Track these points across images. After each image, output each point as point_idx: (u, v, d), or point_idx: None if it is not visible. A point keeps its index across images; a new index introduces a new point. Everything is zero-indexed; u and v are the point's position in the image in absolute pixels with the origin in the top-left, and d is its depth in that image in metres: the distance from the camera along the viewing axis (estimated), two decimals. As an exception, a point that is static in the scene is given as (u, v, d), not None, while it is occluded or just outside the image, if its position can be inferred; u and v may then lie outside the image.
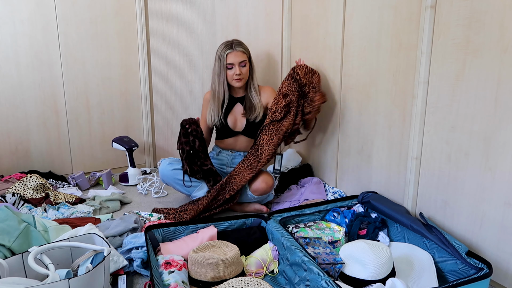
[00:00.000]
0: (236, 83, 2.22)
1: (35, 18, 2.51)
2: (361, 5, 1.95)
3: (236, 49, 2.19)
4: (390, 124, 1.89)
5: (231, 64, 2.19)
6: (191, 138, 2.14)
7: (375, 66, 1.92)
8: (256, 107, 2.26)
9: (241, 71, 2.19)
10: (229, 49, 2.18)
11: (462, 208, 1.60)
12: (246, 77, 2.24)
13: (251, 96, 2.27)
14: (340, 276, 1.50)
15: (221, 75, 2.22)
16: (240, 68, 2.19)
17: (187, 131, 2.14)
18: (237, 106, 2.31)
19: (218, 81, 2.23)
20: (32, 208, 2.17)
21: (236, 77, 2.19)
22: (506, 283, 1.50)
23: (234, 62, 2.18)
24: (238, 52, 2.19)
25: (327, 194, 2.23)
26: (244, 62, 2.21)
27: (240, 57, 2.19)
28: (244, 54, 2.21)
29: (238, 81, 2.21)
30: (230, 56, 2.18)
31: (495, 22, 1.40)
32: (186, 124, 2.14)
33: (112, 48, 2.77)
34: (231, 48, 2.19)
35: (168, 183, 2.27)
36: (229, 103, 2.30)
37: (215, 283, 1.50)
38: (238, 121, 2.31)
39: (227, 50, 2.18)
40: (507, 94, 1.40)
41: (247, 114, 2.27)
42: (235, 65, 2.18)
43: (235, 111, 2.31)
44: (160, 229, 1.75)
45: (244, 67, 2.21)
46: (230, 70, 2.20)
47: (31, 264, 1.28)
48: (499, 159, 1.45)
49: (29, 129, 2.62)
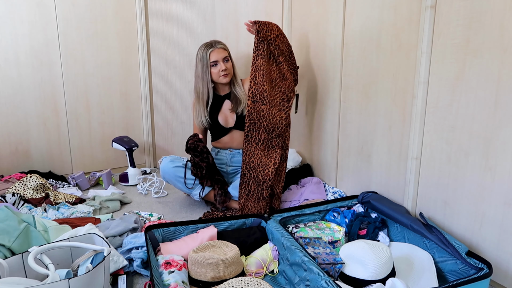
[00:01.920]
0: (224, 78, 2.26)
1: (35, 18, 2.51)
2: (361, 5, 1.95)
3: (217, 47, 2.24)
4: (390, 124, 1.89)
5: (215, 61, 2.23)
6: (205, 155, 2.19)
7: (375, 66, 1.92)
8: (242, 100, 2.30)
9: (226, 66, 2.24)
10: (210, 47, 2.24)
11: (462, 208, 1.60)
12: (231, 72, 2.29)
13: (235, 90, 2.32)
14: (340, 276, 1.50)
15: (205, 75, 2.27)
16: (224, 64, 2.24)
17: (196, 149, 2.18)
18: (225, 104, 2.33)
19: (202, 81, 2.28)
20: (32, 208, 2.17)
21: (222, 72, 2.24)
22: (506, 283, 1.50)
23: (218, 59, 2.23)
24: (219, 49, 2.24)
25: (327, 194, 2.23)
26: (227, 57, 2.27)
27: (222, 53, 2.25)
28: (225, 51, 2.27)
29: (225, 77, 2.25)
30: (213, 54, 2.23)
31: (495, 22, 1.40)
32: (190, 141, 2.19)
33: (112, 48, 2.77)
34: (212, 46, 2.24)
35: (169, 180, 2.27)
36: (217, 102, 2.33)
37: (215, 283, 1.50)
38: (229, 117, 2.33)
39: (209, 49, 2.24)
40: (507, 94, 1.40)
41: (234, 108, 2.30)
42: (220, 61, 2.24)
43: (224, 108, 2.33)
44: (160, 229, 1.75)
45: (228, 62, 2.27)
46: (214, 68, 2.24)
47: (31, 264, 1.28)
48: (499, 159, 1.45)
49: (29, 129, 2.62)
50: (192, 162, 2.20)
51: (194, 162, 2.19)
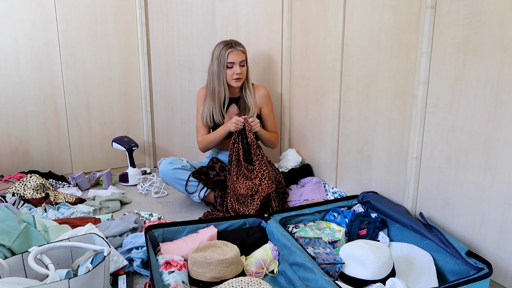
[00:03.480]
0: (235, 83, 2.22)
1: (35, 18, 2.51)
2: (361, 5, 1.95)
3: (237, 48, 2.20)
4: (390, 124, 1.89)
5: (231, 63, 2.19)
6: (216, 170, 2.23)
7: (375, 66, 1.92)
8: (251, 108, 2.27)
9: (241, 70, 2.20)
10: (230, 48, 2.19)
11: (462, 208, 1.60)
12: (244, 77, 2.25)
13: (246, 97, 2.29)
14: (340, 276, 1.50)
15: (221, 74, 2.21)
16: (240, 68, 2.20)
17: (208, 169, 2.23)
18: (232, 107, 2.32)
19: (218, 80, 2.23)
20: (32, 208, 2.17)
21: (235, 76, 2.20)
22: (506, 283, 1.50)
23: (235, 61, 2.19)
24: (239, 51, 2.20)
25: (327, 194, 2.23)
26: (244, 62, 2.23)
27: (241, 57, 2.20)
28: (244, 54, 2.23)
29: (237, 81, 2.22)
30: (232, 55, 2.18)
31: (495, 22, 1.40)
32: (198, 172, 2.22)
33: (112, 48, 2.77)
34: (232, 47, 2.19)
35: (168, 182, 2.27)
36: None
37: (215, 283, 1.50)
38: None
39: (228, 49, 2.19)
40: (507, 94, 1.40)
41: (241, 114, 2.28)
42: (236, 64, 2.19)
43: (230, 111, 2.32)
44: (160, 229, 1.75)
45: (243, 67, 2.23)
46: (230, 69, 2.20)
47: (31, 264, 1.28)
48: (499, 159, 1.45)
49: (29, 129, 2.62)
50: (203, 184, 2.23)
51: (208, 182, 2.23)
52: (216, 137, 2.27)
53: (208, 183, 2.20)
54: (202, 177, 2.21)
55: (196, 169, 2.24)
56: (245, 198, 2.10)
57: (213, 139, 2.29)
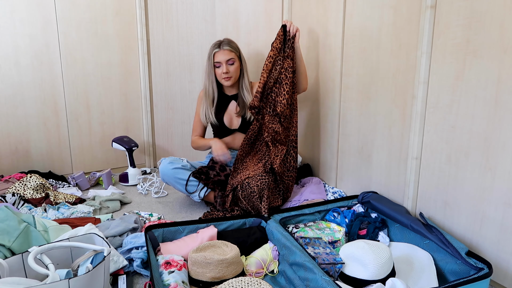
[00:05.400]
0: (225, 81, 2.25)
1: (35, 18, 2.51)
2: (361, 5, 1.95)
3: (223, 48, 2.23)
4: (390, 124, 1.89)
5: (218, 62, 2.23)
6: (217, 170, 2.23)
7: (375, 66, 1.92)
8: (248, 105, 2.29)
9: (228, 70, 2.22)
10: (216, 48, 2.23)
11: (462, 208, 1.60)
12: (235, 75, 2.27)
13: (243, 94, 2.31)
14: (340, 276, 1.50)
15: (210, 74, 2.28)
16: (227, 67, 2.22)
17: (208, 169, 2.22)
18: (231, 104, 2.33)
19: (209, 80, 2.29)
20: (32, 208, 2.17)
21: (224, 75, 2.23)
22: (506, 283, 1.50)
23: (221, 61, 2.22)
24: (225, 50, 2.23)
25: (327, 194, 2.23)
26: (232, 60, 2.24)
27: (227, 55, 2.22)
28: (232, 53, 2.24)
29: (227, 80, 2.25)
30: (217, 55, 2.22)
31: (495, 22, 1.40)
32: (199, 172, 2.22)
33: (112, 48, 2.77)
34: (219, 47, 2.23)
35: (168, 182, 2.27)
36: (223, 102, 2.32)
37: (215, 283, 1.50)
38: (234, 119, 2.33)
39: (214, 49, 2.24)
40: (507, 94, 1.40)
41: (240, 112, 2.30)
42: (223, 64, 2.22)
43: (230, 109, 2.33)
44: (160, 229, 1.75)
45: (232, 65, 2.24)
46: (218, 69, 2.25)
47: (31, 264, 1.28)
48: (499, 159, 1.45)
49: (29, 129, 2.62)
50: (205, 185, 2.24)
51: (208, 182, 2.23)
52: (203, 145, 2.37)
53: (208, 183, 2.21)
54: (202, 177, 2.21)
55: (196, 169, 2.24)
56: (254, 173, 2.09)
57: (200, 145, 2.39)
